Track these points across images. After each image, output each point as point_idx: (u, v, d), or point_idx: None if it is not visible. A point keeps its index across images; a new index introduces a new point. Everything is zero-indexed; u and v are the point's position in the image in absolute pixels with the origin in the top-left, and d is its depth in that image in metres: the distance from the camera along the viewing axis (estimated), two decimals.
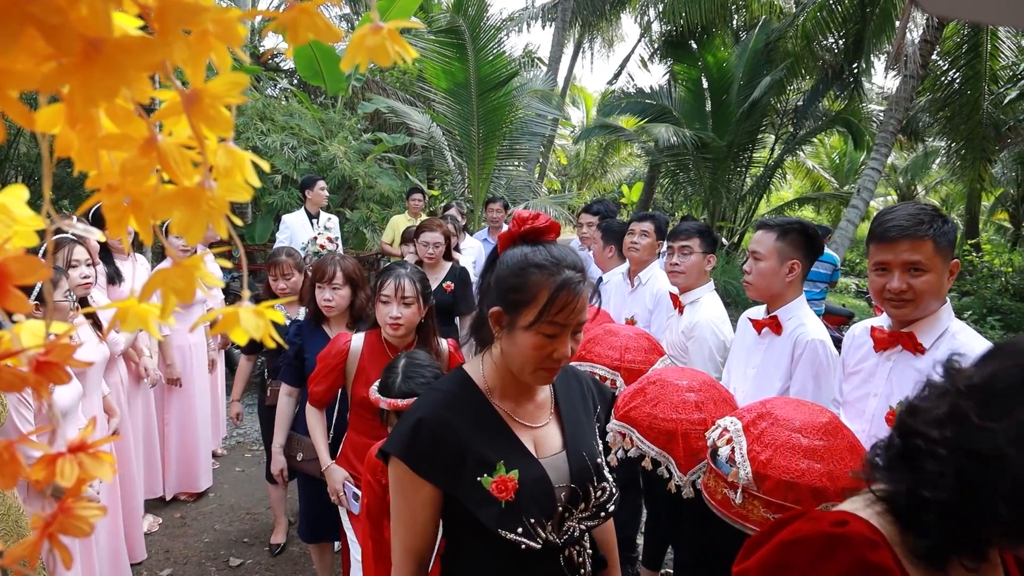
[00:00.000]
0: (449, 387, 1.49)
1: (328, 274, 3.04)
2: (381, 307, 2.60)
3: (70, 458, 0.50)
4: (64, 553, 0.51)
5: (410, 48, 0.50)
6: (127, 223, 0.48)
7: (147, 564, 3.70)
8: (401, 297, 2.57)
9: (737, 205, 14.27)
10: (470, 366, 1.53)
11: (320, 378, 2.70)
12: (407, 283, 2.57)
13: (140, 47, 0.40)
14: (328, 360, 2.67)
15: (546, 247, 1.39)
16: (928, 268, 1.86)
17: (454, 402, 1.44)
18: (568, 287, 1.33)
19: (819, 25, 11.50)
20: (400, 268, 2.63)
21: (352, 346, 2.67)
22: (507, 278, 1.38)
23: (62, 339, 0.49)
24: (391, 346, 2.67)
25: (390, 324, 2.58)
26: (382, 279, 2.61)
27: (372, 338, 2.70)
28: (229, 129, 0.46)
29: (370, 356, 2.67)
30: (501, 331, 1.41)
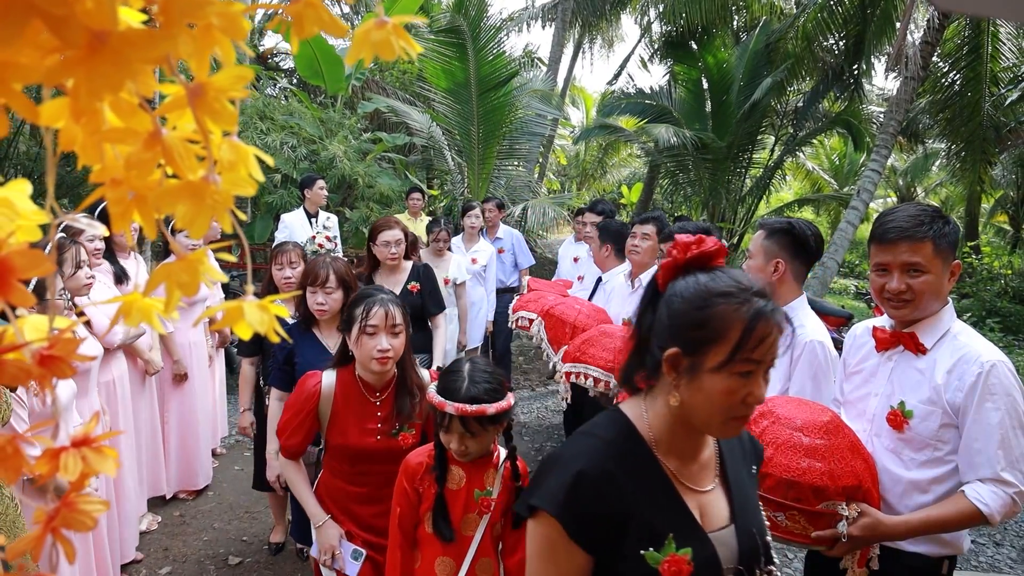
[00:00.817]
0: (611, 435, 1.27)
1: (320, 277, 2.92)
2: (365, 340, 2.26)
3: (73, 452, 0.50)
4: (67, 547, 0.51)
5: (415, 43, 0.50)
6: (131, 217, 0.48)
7: (146, 562, 3.69)
8: (391, 326, 2.27)
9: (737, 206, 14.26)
10: (630, 409, 1.31)
11: (292, 429, 2.40)
12: (395, 309, 2.28)
13: (145, 40, 0.40)
14: (299, 407, 2.37)
15: (725, 272, 1.21)
16: (927, 269, 1.86)
17: (619, 454, 1.24)
18: (764, 316, 1.15)
19: (819, 26, 11.48)
20: (379, 293, 2.34)
21: (323, 387, 2.37)
22: (686, 313, 1.19)
23: (65, 333, 0.49)
24: (368, 386, 2.39)
25: (378, 359, 2.26)
26: (362, 307, 2.28)
27: (345, 377, 2.40)
28: (233, 123, 0.46)
29: (344, 400, 2.37)
30: (679, 376, 1.20)
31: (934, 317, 1.92)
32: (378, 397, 2.39)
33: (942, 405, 1.84)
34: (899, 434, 1.91)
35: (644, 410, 1.29)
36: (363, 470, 2.38)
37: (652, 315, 1.26)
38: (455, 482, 2.04)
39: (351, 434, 2.34)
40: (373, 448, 2.35)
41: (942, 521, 1.81)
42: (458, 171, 10.41)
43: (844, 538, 1.76)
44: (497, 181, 10.63)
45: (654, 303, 1.27)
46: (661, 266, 1.27)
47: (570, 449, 1.27)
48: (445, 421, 1.97)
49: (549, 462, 1.28)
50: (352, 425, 2.34)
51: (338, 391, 2.37)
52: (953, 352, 1.86)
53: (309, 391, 2.35)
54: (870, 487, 1.82)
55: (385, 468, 2.34)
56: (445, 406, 1.94)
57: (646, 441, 1.26)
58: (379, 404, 2.38)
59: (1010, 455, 1.76)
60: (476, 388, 1.96)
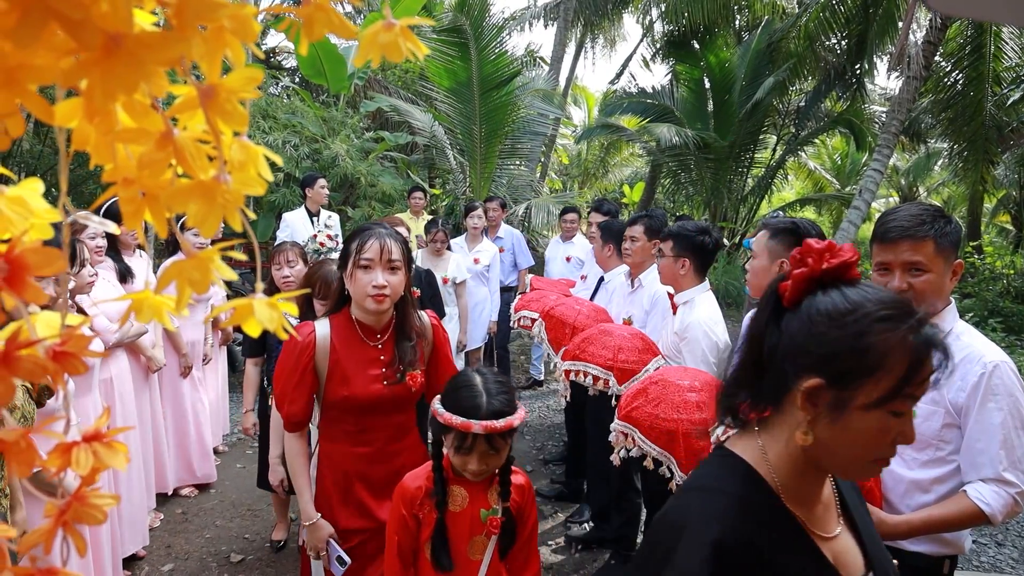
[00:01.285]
0: (735, 488, 1.07)
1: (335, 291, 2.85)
2: (360, 275, 2.06)
3: (85, 447, 0.51)
4: (78, 540, 0.52)
5: (422, 45, 0.51)
6: (143, 216, 0.49)
7: (149, 559, 3.71)
8: (387, 261, 2.06)
9: (739, 206, 14.26)
10: (746, 450, 1.11)
11: (290, 392, 2.14)
12: (391, 243, 2.07)
13: (159, 42, 0.41)
14: (292, 363, 2.14)
15: (874, 289, 1.03)
16: (928, 268, 1.86)
17: (752, 512, 1.04)
18: (932, 346, 0.98)
19: (822, 26, 11.47)
20: (377, 227, 2.13)
21: (318, 336, 2.15)
22: (837, 340, 0.99)
23: (77, 330, 0.50)
24: (366, 327, 2.19)
25: (374, 296, 2.05)
26: (357, 241, 2.09)
27: (340, 321, 2.20)
28: (244, 123, 0.47)
29: (344, 347, 2.16)
30: (817, 412, 1.01)
31: (936, 317, 1.92)
32: (379, 340, 2.20)
33: (944, 405, 1.84)
34: None
35: (763, 450, 1.09)
36: (369, 424, 2.21)
37: (777, 335, 1.07)
38: (457, 504, 1.91)
39: (356, 383, 2.14)
40: (380, 395, 2.17)
41: (944, 521, 1.81)
42: (460, 170, 10.42)
43: None
44: (499, 180, 10.64)
45: (778, 319, 1.08)
46: (792, 277, 1.06)
47: (694, 511, 1.06)
48: (467, 442, 1.80)
49: (668, 527, 1.08)
50: (355, 373, 2.14)
51: (335, 338, 2.16)
52: (956, 352, 1.84)
53: (303, 343, 2.13)
54: (872, 486, 1.83)
55: (392, 419, 2.23)
56: (471, 426, 1.76)
57: (773, 490, 1.07)
58: (381, 347, 2.20)
59: (1012, 455, 1.76)
60: (497, 401, 1.82)
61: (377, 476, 2.24)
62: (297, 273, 3.51)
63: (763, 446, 1.10)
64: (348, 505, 2.24)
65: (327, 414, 2.24)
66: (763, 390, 1.09)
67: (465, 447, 1.81)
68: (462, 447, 1.82)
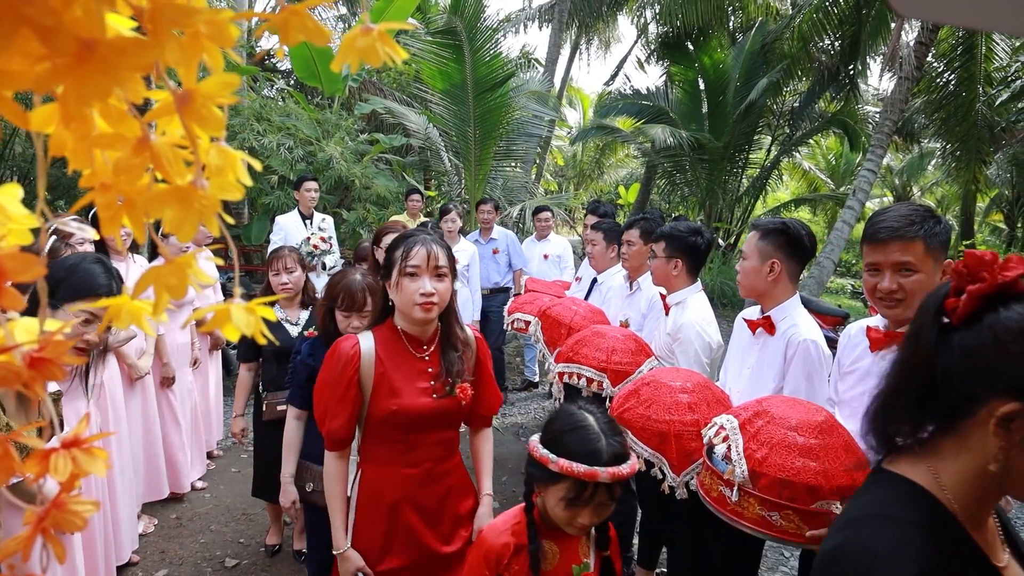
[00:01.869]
0: (921, 517, 1.00)
1: (359, 302, 2.67)
2: (406, 283, 1.97)
3: (64, 453, 0.51)
4: (57, 547, 0.52)
5: (400, 49, 0.51)
6: (120, 221, 0.49)
7: (143, 565, 3.69)
8: (434, 267, 1.97)
9: (733, 206, 14.31)
10: (918, 475, 1.04)
11: (333, 407, 2.02)
12: (438, 250, 1.99)
13: (133, 48, 0.41)
14: (337, 376, 2.02)
15: None
16: (918, 269, 1.87)
17: (943, 544, 0.97)
18: None
19: (815, 27, 11.53)
20: (421, 233, 2.04)
21: (363, 348, 2.03)
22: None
23: (56, 336, 0.50)
24: (413, 339, 2.08)
25: (422, 304, 1.95)
26: (402, 248, 2.00)
27: (384, 334, 2.09)
28: (221, 128, 0.47)
29: (390, 359, 2.04)
30: (1012, 437, 0.94)
31: None
32: (425, 351, 2.09)
33: None
34: None
35: (935, 474, 1.02)
36: (417, 441, 2.06)
37: (949, 353, 1.00)
38: (548, 560, 1.75)
39: (405, 396, 2.01)
40: (431, 409, 2.04)
41: None
42: (455, 172, 10.43)
43: None
44: (494, 182, 10.65)
45: (946, 337, 1.01)
46: (968, 292, 1.00)
47: (881, 543, 0.98)
48: (586, 493, 1.59)
49: (850, 560, 0.99)
50: (403, 386, 2.02)
51: (380, 350, 2.04)
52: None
53: (347, 355, 2.01)
54: None
55: (441, 436, 2.10)
56: (598, 475, 1.56)
57: (955, 517, 1.00)
58: (428, 359, 2.08)
59: None
60: (616, 442, 1.64)
61: (426, 500, 2.09)
62: (296, 280, 3.46)
63: (934, 469, 1.02)
64: (394, 536, 2.07)
65: (371, 433, 2.08)
66: (931, 413, 1.03)
67: (583, 499, 1.60)
68: (578, 499, 1.60)
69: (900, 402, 1.07)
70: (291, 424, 2.85)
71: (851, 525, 1.05)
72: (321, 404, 2.06)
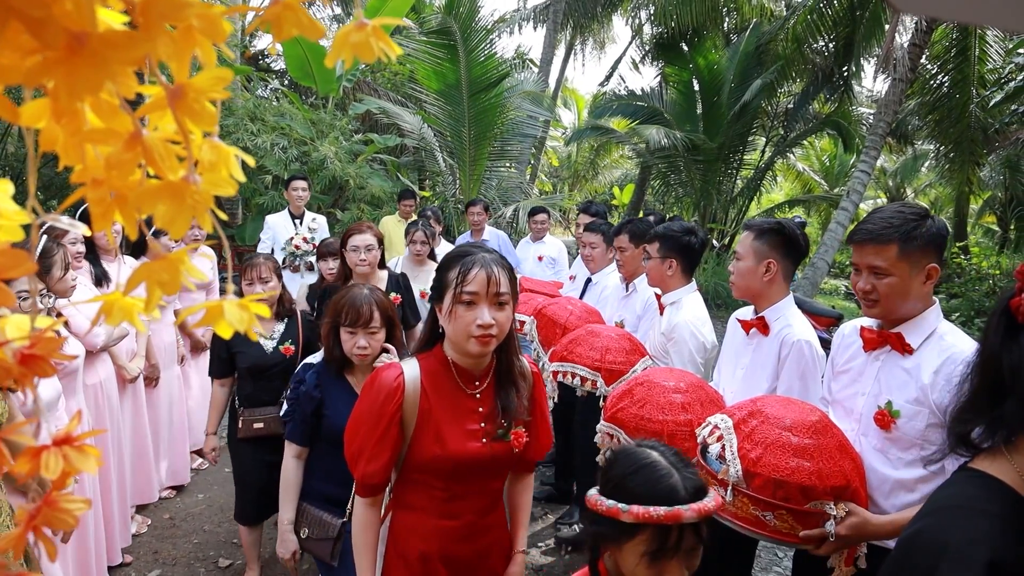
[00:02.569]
0: (998, 508, 1.02)
1: (363, 315, 2.45)
2: (461, 312, 1.69)
3: (55, 451, 0.51)
4: (49, 545, 0.52)
5: (395, 45, 0.51)
6: (112, 217, 0.49)
7: (135, 565, 3.68)
8: (494, 295, 1.70)
9: (728, 207, 14.33)
10: (999, 470, 1.07)
11: (371, 447, 1.74)
12: (499, 273, 1.70)
13: (124, 41, 0.41)
14: (377, 413, 1.74)
15: None
16: (890, 272, 1.89)
17: (1019, 532, 0.99)
18: None
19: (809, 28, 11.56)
20: (478, 251, 1.76)
21: (407, 379, 1.76)
22: None
23: (47, 333, 0.50)
24: (464, 373, 1.81)
25: (478, 337, 1.68)
26: (457, 270, 1.72)
27: (431, 365, 1.82)
28: (213, 123, 0.47)
29: (436, 395, 1.78)
30: None
31: (919, 317, 1.93)
32: (477, 388, 1.83)
33: (929, 405, 1.85)
34: (886, 434, 1.93)
35: (1019, 471, 1.04)
36: (461, 490, 1.81)
37: (1018, 351, 1.03)
38: None
39: (451, 439, 1.75)
40: (479, 456, 1.78)
41: None
42: (449, 172, 10.42)
43: (832, 537, 1.77)
44: (489, 182, 10.65)
45: (1016, 337, 1.04)
46: None
47: (956, 531, 1.00)
48: (671, 540, 1.35)
49: (925, 549, 1.03)
50: (450, 427, 1.77)
51: (426, 384, 1.78)
52: (940, 352, 1.88)
53: (389, 387, 1.75)
54: (858, 487, 1.84)
55: (489, 485, 1.86)
56: (681, 515, 1.34)
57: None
58: (479, 397, 1.82)
59: None
60: (691, 473, 1.44)
61: (463, 556, 1.85)
62: (271, 290, 3.27)
63: (1017, 466, 1.04)
64: None
65: (409, 477, 1.82)
66: (1009, 412, 1.04)
67: (669, 547, 1.36)
68: (663, 549, 1.36)
69: (973, 402, 1.10)
70: (289, 464, 2.58)
71: (931, 514, 1.08)
72: (355, 442, 1.78)
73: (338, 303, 2.49)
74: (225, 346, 3.28)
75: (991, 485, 1.04)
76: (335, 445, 2.32)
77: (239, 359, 3.26)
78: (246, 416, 3.24)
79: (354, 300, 2.47)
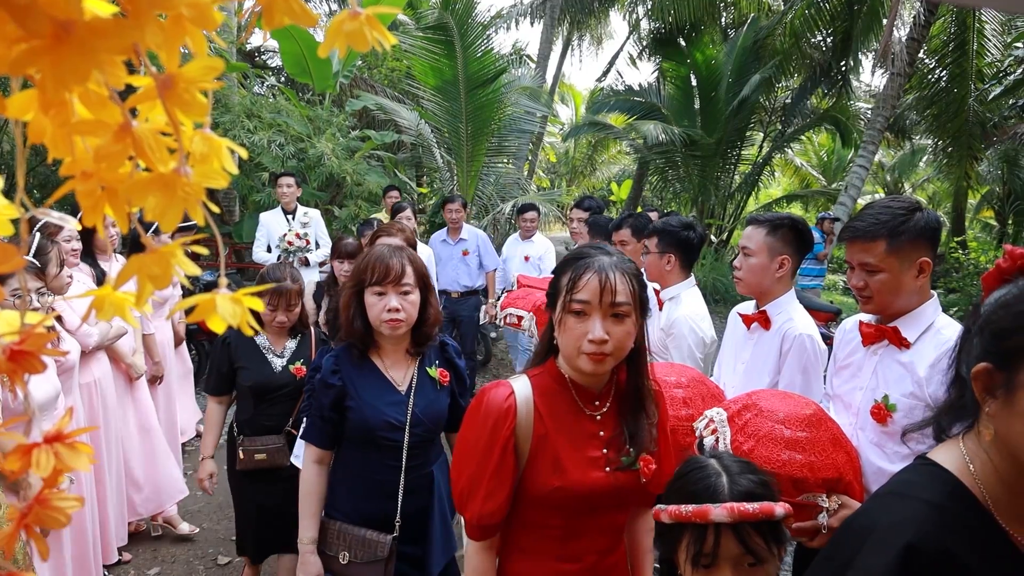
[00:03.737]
0: (936, 496, 1.00)
1: (395, 271, 2.02)
2: (570, 323, 1.49)
3: (46, 448, 0.50)
4: (40, 544, 0.51)
5: (389, 35, 0.50)
6: (102, 210, 0.48)
7: (135, 563, 3.67)
8: (609, 304, 1.45)
9: (726, 202, 14.32)
10: (950, 460, 1.04)
11: (485, 482, 1.50)
12: (617, 278, 1.46)
13: (112, 30, 0.40)
14: (486, 439, 1.51)
15: None
16: (880, 268, 1.90)
17: (954, 525, 0.97)
18: None
19: (807, 23, 11.55)
20: (597, 253, 1.53)
21: (519, 400, 1.54)
22: (999, 320, 0.99)
23: (37, 328, 0.49)
24: (582, 390, 1.58)
25: (590, 354, 1.46)
26: (569, 274, 1.50)
27: (545, 381, 1.59)
28: (204, 114, 0.46)
29: (552, 413, 1.55)
30: (992, 400, 0.98)
31: (916, 311, 1.93)
32: (597, 409, 1.60)
33: (925, 399, 1.85)
34: (882, 427, 1.93)
35: (964, 457, 1.03)
36: (580, 527, 1.58)
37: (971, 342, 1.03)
38: None
39: (572, 468, 1.53)
40: (603, 487, 1.55)
41: None
42: (447, 168, 10.40)
43: (824, 529, 1.77)
44: (486, 178, 10.63)
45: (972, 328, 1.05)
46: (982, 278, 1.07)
47: (884, 515, 1.00)
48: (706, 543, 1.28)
49: (853, 533, 1.03)
50: (569, 453, 1.54)
51: (539, 404, 1.55)
52: (937, 346, 1.88)
53: (500, 408, 1.52)
54: (851, 480, 1.83)
55: (612, 520, 1.63)
56: (708, 512, 1.27)
57: (980, 503, 0.99)
58: (600, 419, 1.60)
59: None
60: (745, 480, 1.33)
61: None
62: (293, 318, 2.95)
63: (966, 454, 1.03)
64: None
65: (519, 515, 1.59)
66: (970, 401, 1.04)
67: (706, 552, 1.27)
68: (701, 554, 1.28)
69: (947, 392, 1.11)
70: (310, 471, 2.13)
71: (871, 500, 1.10)
72: (464, 477, 1.55)
73: (362, 262, 2.08)
74: (227, 359, 2.94)
75: (935, 474, 1.03)
76: (364, 446, 2.07)
77: (242, 375, 2.92)
78: (247, 445, 2.90)
79: (382, 255, 2.04)
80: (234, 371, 2.94)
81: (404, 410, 2.08)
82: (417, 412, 2.09)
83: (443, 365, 2.23)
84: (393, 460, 2.08)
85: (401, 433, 2.07)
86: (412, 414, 2.09)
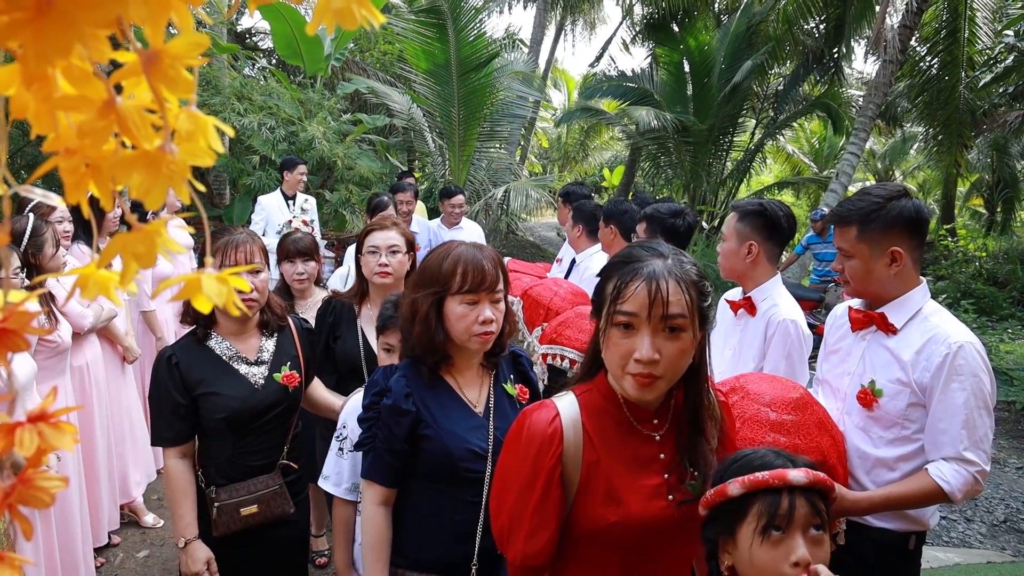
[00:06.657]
0: None
1: (490, 277, 1.73)
2: (615, 337, 1.30)
3: (29, 428, 0.49)
4: (24, 524, 0.51)
5: (378, 13, 0.49)
6: (86, 187, 0.47)
7: (123, 546, 3.68)
8: (660, 316, 1.26)
9: (718, 189, 14.35)
10: None
11: (528, 517, 1.33)
12: (673, 288, 1.27)
13: (94, 2, 0.39)
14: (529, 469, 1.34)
15: None
16: (851, 254, 1.95)
17: None
18: None
19: (800, 9, 11.53)
20: (647, 255, 1.32)
21: (565, 423, 1.36)
22: None
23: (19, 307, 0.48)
24: (635, 408, 1.40)
25: (636, 376, 1.28)
26: (615, 280, 1.32)
27: (594, 399, 1.41)
28: (190, 91, 0.45)
29: (604, 435, 1.38)
30: None
31: (904, 297, 1.95)
32: (656, 429, 1.41)
33: (910, 384, 1.87)
34: (868, 412, 1.95)
35: None
36: (642, 566, 1.39)
37: None
38: None
39: (630, 498, 1.35)
40: (667, 518, 1.37)
41: (904, 497, 1.85)
42: (439, 153, 10.35)
43: None
44: (478, 163, 10.59)
45: None
46: None
47: None
48: (782, 506, 1.20)
49: None
50: (626, 481, 1.36)
51: (588, 426, 1.37)
52: (923, 332, 1.89)
53: (543, 434, 1.34)
54: (835, 463, 1.85)
55: (678, 555, 1.45)
56: (786, 475, 1.21)
57: None
58: (659, 440, 1.41)
59: (973, 435, 1.79)
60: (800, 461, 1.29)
61: None
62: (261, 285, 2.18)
63: None
64: None
65: (570, 552, 1.40)
66: None
67: (781, 515, 1.19)
68: (775, 517, 1.20)
69: None
70: (377, 514, 1.77)
71: None
72: (504, 512, 1.37)
73: (439, 266, 1.73)
74: (180, 386, 2.07)
75: None
76: (440, 481, 1.75)
77: (208, 405, 2.09)
78: (225, 499, 2.10)
79: (474, 257, 1.71)
80: (195, 402, 2.10)
81: (486, 435, 1.76)
82: (499, 437, 1.72)
83: (519, 379, 1.95)
84: (472, 496, 1.74)
85: (483, 463, 1.73)
86: (495, 439, 1.75)
